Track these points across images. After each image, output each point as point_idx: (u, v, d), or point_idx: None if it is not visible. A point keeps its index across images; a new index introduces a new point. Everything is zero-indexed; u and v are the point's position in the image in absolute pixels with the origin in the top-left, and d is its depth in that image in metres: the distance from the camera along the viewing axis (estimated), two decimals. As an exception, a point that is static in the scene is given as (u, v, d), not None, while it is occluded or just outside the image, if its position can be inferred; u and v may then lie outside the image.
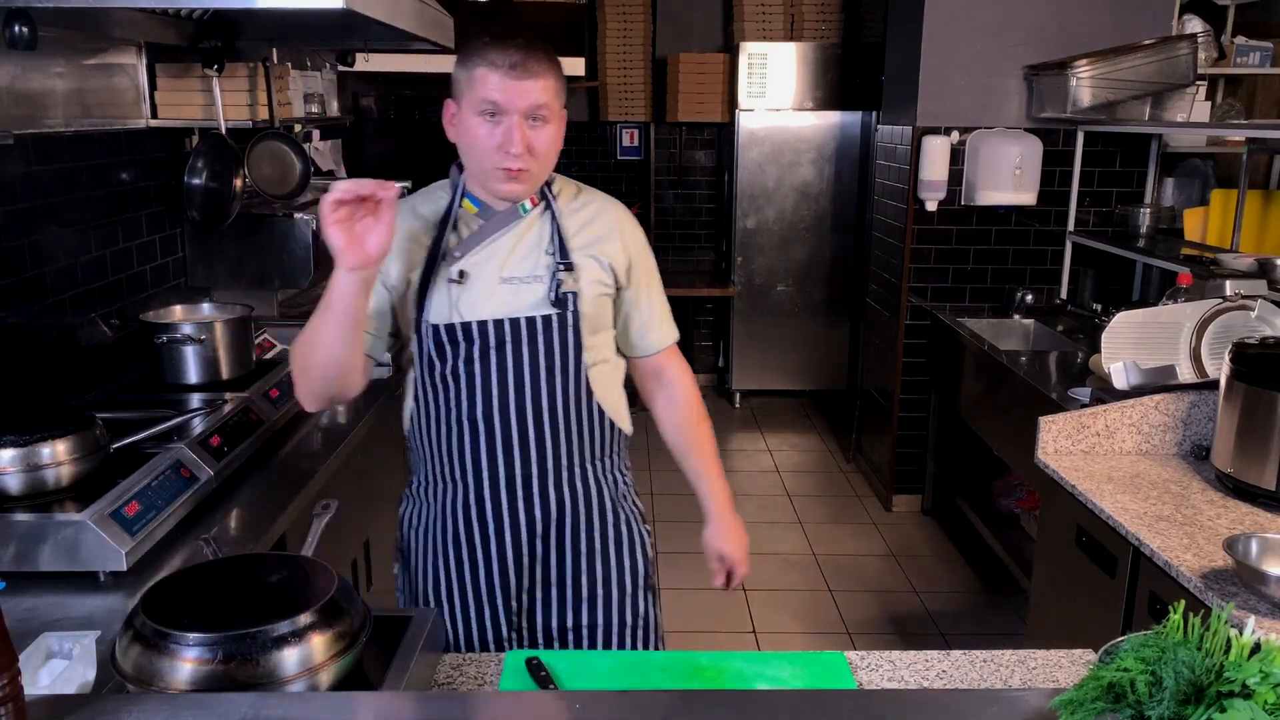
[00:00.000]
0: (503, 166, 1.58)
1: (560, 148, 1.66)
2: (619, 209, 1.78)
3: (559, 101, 1.61)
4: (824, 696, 1.27)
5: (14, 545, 1.59)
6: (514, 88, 1.55)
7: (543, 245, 1.68)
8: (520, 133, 1.56)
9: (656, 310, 1.81)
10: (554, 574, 1.76)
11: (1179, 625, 1.03)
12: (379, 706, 1.15)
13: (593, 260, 1.69)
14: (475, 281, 1.65)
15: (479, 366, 1.65)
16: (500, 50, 1.56)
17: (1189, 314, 2.70)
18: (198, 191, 2.93)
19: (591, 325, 1.70)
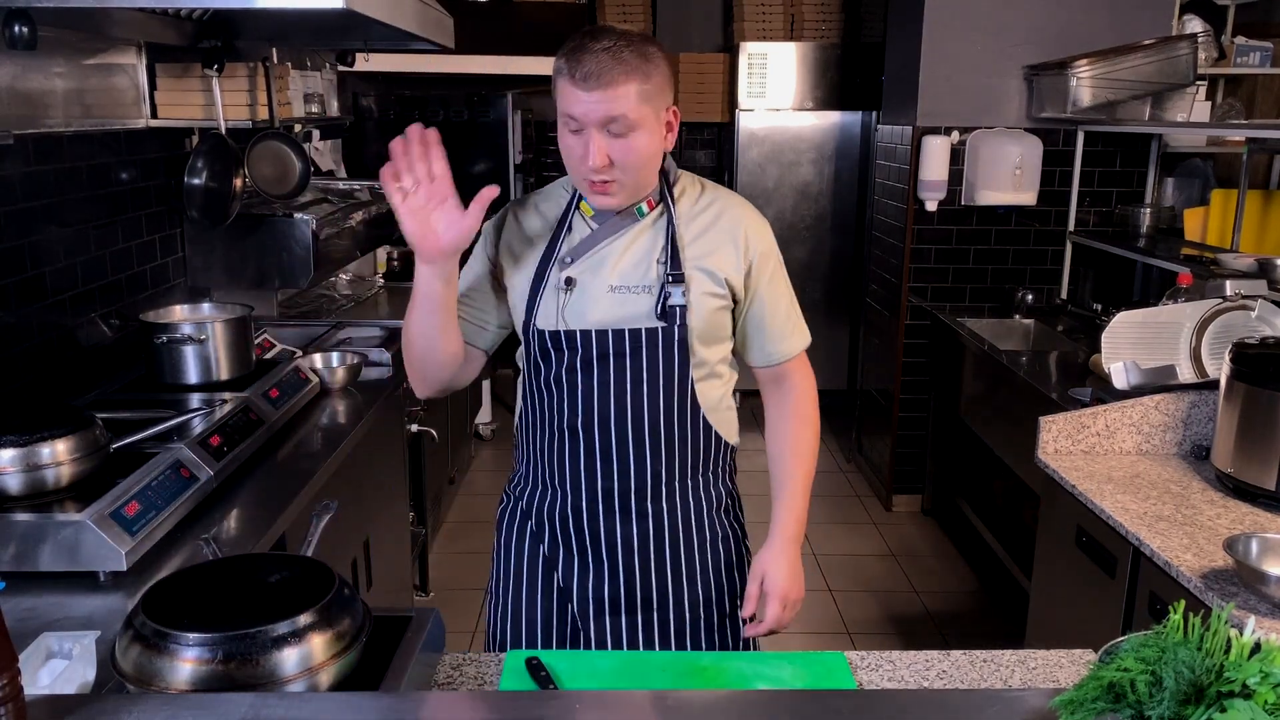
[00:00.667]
0: (588, 179, 1.53)
1: (657, 152, 1.57)
2: (743, 210, 1.69)
3: (647, 107, 1.50)
4: (824, 696, 1.27)
5: (14, 545, 1.59)
6: (585, 100, 1.47)
7: (654, 254, 1.61)
8: (597, 146, 1.48)
9: (780, 318, 1.71)
10: (654, 593, 1.69)
11: (1179, 625, 1.02)
12: (379, 706, 1.15)
13: (705, 273, 1.61)
14: (583, 289, 1.60)
15: (581, 376, 1.62)
16: (576, 58, 1.47)
17: (1189, 314, 2.70)
18: (198, 191, 2.93)
19: (703, 338, 1.64)
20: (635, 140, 1.50)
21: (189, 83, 2.86)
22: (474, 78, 5.04)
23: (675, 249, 1.60)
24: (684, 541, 1.71)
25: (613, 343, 1.60)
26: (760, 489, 1.96)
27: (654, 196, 1.62)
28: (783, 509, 1.79)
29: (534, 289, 1.62)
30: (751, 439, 5.35)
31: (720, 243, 1.63)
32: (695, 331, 1.62)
